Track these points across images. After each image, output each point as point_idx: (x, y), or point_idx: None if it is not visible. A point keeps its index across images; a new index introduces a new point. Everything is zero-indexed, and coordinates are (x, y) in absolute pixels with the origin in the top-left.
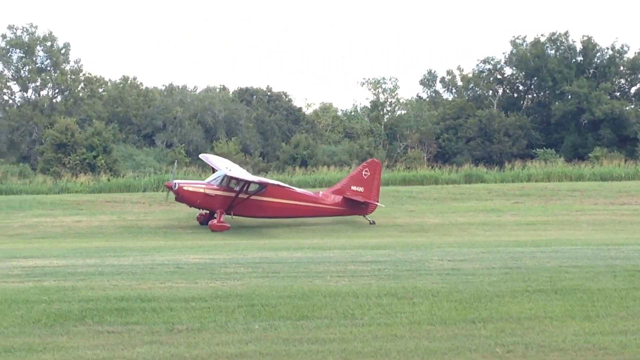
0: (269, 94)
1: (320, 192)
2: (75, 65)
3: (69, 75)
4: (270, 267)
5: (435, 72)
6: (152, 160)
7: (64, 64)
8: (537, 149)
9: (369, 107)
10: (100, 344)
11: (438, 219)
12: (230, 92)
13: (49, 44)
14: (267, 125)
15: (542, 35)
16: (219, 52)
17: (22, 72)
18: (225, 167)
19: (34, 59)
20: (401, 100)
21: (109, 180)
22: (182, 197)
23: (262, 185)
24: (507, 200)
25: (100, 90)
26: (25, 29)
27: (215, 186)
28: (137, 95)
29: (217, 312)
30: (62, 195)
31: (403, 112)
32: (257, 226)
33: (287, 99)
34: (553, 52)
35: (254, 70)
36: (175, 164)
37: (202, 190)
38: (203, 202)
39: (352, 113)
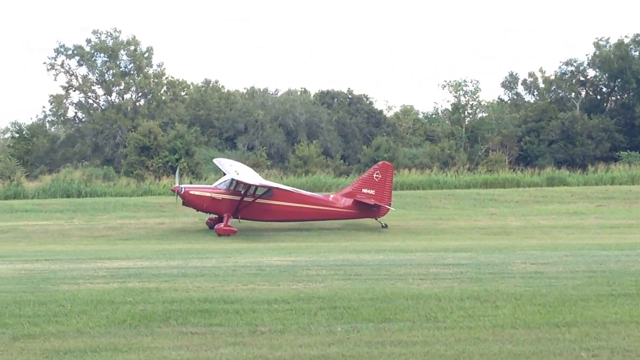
0: (350, 96)
1: (331, 195)
2: (158, 69)
3: (152, 79)
4: (352, 269)
5: (516, 74)
6: None
7: (147, 68)
8: (621, 152)
9: (450, 109)
10: (184, 345)
11: (520, 221)
12: (312, 95)
13: (132, 48)
14: (348, 128)
15: (625, 36)
16: (301, 55)
17: (106, 76)
18: (235, 171)
19: (118, 63)
20: (482, 103)
21: (191, 182)
22: (189, 201)
23: (270, 188)
24: (590, 203)
25: (183, 93)
26: (109, 34)
27: (222, 190)
28: (219, 98)
29: (300, 314)
30: (145, 198)
31: (484, 114)
32: (339, 228)
33: (368, 102)
34: (637, 53)
35: (335, 72)
36: (178, 169)
37: (208, 195)
38: (210, 207)
39: (433, 116)
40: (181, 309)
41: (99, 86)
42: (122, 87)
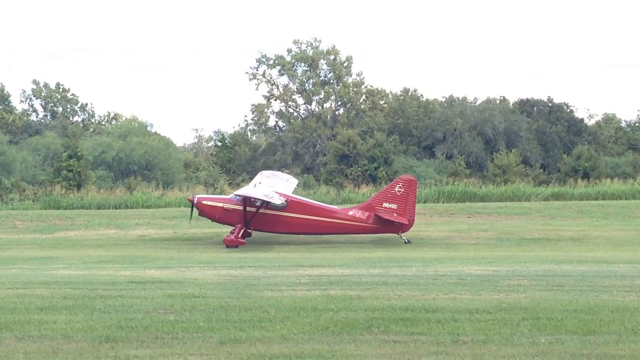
0: (550, 105)
1: (351, 211)
2: (357, 78)
3: (351, 88)
4: (554, 280)
5: None
6: (432, 171)
7: (346, 77)
8: None
9: None
10: (386, 353)
11: None
12: (511, 103)
13: (332, 57)
14: (547, 136)
15: None
16: (499, 63)
17: (306, 85)
18: (256, 182)
19: (318, 72)
20: None
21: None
22: (202, 211)
23: (285, 200)
24: None
25: (382, 102)
26: (309, 44)
27: (234, 201)
28: (418, 107)
29: (502, 325)
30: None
31: None
32: (540, 238)
33: (568, 110)
34: None
35: (535, 80)
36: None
37: (220, 205)
38: (222, 217)
39: (637, 124)
40: (383, 317)
41: (299, 95)
42: (321, 96)
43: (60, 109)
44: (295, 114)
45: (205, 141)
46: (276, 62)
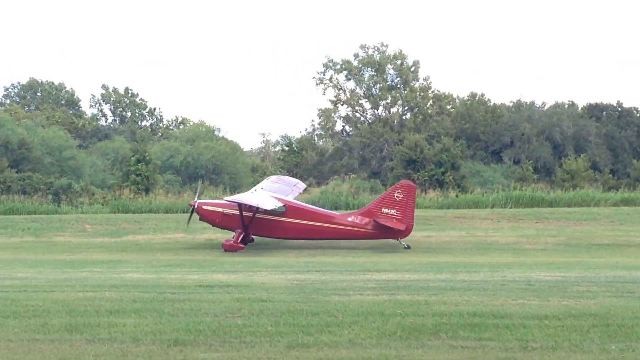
0: (619, 109)
1: (350, 217)
2: (424, 83)
3: (418, 93)
4: (625, 286)
5: None
6: (499, 176)
7: (413, 82)
8: None
9: None
10: (454, 359)
11: None
12: (579, 108)
13: (399, 62)
14: (617, 141)
15: None
16: (568, 66)
17: (373, 90)
18: (258, 188)
19: (385, 77)
20: None
21: (457, 196)
22: (202, 216)
23: (283, 205)
24: None
25: (449, 107)
26: (376, 48)
27: (234, 206)
28: (485, 111)
29: (571, 331)
30: None
31: None
32: (609, 244)
33: (638, 115)
34: None
35: (604, 85)
36: (200, 184)
37: (220, 210)
38: (222, 222)
39: None
40: (451, 323)
41: (366, 100)
42: (388, 101)
43: (129, 114)
44: (362, 118)
45: (272, 146)
46: (343, 67)
